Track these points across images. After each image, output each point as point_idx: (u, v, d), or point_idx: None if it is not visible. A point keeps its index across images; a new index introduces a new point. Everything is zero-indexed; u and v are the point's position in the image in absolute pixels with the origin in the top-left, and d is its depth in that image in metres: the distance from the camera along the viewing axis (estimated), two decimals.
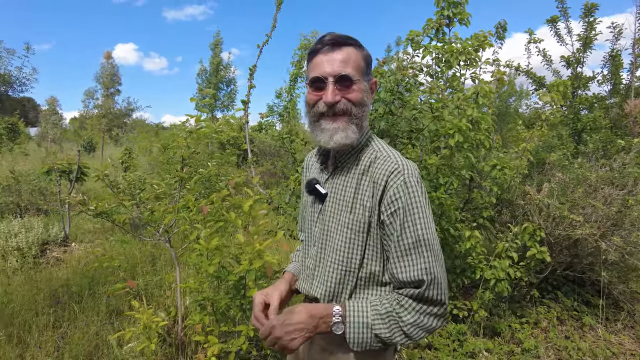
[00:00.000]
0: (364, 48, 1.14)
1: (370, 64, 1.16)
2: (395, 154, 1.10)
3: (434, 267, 1.01)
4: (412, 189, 1.02)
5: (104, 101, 24.81)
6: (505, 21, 6.59)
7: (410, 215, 1.01)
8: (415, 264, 1.01)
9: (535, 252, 3.06)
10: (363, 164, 1.11)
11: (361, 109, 1.10)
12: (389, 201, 1.03)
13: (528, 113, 12.24)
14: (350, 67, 1.07)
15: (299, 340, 1.00)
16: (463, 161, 3.16)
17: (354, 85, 1.07)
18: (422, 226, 1.01)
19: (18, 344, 3.10)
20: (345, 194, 1.12)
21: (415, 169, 1.07)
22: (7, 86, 5.84)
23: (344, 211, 1.11)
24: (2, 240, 5.06)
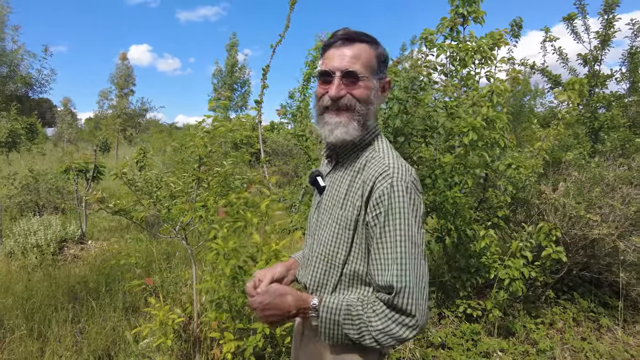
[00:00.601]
0: (378, 46, 1.13)
1: (384, 62, 1.15)
2: (390, 156, 1.08)
3: (407, 275, 0.97)
4: (397, 193, 1.00)
5: (118, 102, 25.18)
6: (520, 19, 6.51)
7: (392, 220, 0.99)
8: (389, 269, 0.99)
9: (550, 251, 3.02)
10: (360, 162, 1.11)
11: (366, 106, 1.10)
12: (374, 203, 1.02)
13: (543, 112, 12.07)
14: (360, 63, 1.08)
15: (275, 319, 1.10)
16: (478, 160, 3.14)
17: (360, 82, 1.08)
18: (401, 232, 0.99)
19: (38, 338, 3.18)
20: (340, 189, 1.13)
21: (410, 174, 1.04)
22: (28, 87, 6.02)
23: (335, 206, 1.12)
24: (22, 238, 5.18)
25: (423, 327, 0.99)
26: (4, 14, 5.83)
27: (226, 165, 2.65)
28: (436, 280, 3.60)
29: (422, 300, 0.98)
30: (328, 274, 1.13)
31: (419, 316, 0.97)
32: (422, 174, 3.27)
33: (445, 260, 3.61)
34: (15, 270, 4.67)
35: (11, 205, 7.81)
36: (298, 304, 1.07)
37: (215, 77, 18.74)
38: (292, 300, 1.07)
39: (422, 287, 0.99)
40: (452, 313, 3.36)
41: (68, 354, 2.99)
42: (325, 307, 1.04)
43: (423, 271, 1.00)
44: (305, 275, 1.22)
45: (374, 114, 1.15)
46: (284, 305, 1.08)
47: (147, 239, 5.78)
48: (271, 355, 2.63)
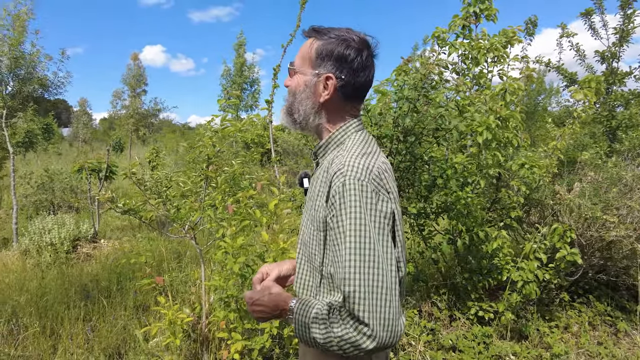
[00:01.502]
0: (330, 41, 1.08)
1: (328, 57, 1.08)
2: (351, 154, 1.03)
3: (356, 280, 0.91)
4: (349, 192, 0.95)
5: (131, 102, 25.51)
6: (535, 17, 6.40)
7: (342, 221, 0.95)
8: (339, 272, 0.95)
9: (565, 253, 2.95)
10: (330, 161, 1.09)
11: (292, 97, 1.15)
12: (329, 204, 0.99)
13: (558, 111, 11.86)
14: (298, 56, 1.14)
15: (261, 318, 1.13)
16: (491, 160, 3.08)
17: (293, 74, 1.15)
18: (352, 234, 0.93)
19: (51, 336, 3.22)
20: (314, 189, 1.11)
21: (368, 172, 0.98)
22: (44, 89, 6.16)
23: (311, 207, 1.10)
24: (37, 236, 5.27)
25: (387, 341, 0.91)
26: (25, 19, 5.95)
27: (235, 164, 2.65)
28: (447, 281, 3.55)
29: (382, 308, 0.90)
30: (311, 276, 1.12)
31: (374, 326, 0.89)
32: (434, 174, 3.23)
33: (457, 261, 3.56)
34: (30, 268, 4.76)
35: (27, 204, 7.97)
36: (281, 305, 1.07)
37: (223, 77, 18.73)
38: (277, 300, 1.09)
39: (380, 294, 0.91)
40: (463, 315, 3.31)
41: (80, 351, 3.03)
42: (298, 309, 1.02)
43: (383, 276, 0.92)
44: (295, 278, 1.21)
45: (315, 109, 1.12)
46: (270, 304, 1.09)
47: (159, 238, 5.83)
48: (279, 356, 2.62)
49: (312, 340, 0.98)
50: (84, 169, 5.90)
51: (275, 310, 1.09)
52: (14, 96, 6.19)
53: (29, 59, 6.17)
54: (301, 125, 1.16)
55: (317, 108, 1.12)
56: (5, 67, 5.91)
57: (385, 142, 3.06)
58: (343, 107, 1.13)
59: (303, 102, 1.12)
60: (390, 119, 3.09)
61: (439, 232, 3.53)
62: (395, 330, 0.92)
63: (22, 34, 5.97)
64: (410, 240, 3.77)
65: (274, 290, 1.12)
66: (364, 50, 1.10)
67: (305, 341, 1.00)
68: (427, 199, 3.37)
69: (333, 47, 1.08)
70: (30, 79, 6.24)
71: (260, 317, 1.12)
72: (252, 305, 1.11)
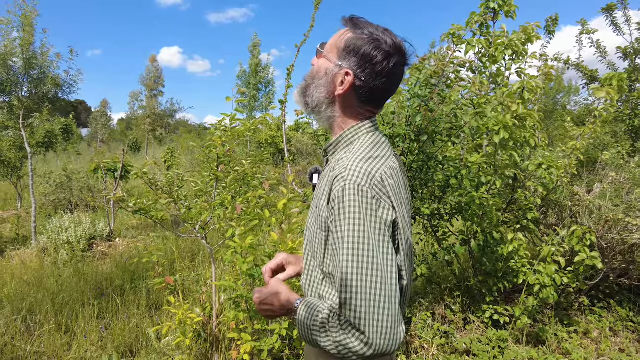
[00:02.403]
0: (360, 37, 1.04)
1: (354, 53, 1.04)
2: (355, 158, 1.00)
3: (352, 287, 0.89)
4: (347, 197, 0.92)
5: (148, 102, 25.91)
6: (557, 15, 6.23)
7: (340, 226, 0.93)
8: (336, 277, 0.94)
9: (584, 257, 2.85)
10: (337, 161, 1.06)
11: (311, 79, 1.12)
12: (330, 207, 0.97)
13: (577, 110, 11.58)
14: (330, 43, 1.11)
15: (269, 317, 1.17)
16: (507, 160, 3.00)
17: (319, 57, 1.12)
18: (348, 239, 0.91)
19: (66, 332, 3.27)
20: (320, 188, 1.09)
21: (370, 177, 0.95)
22: (58, 88, 6.27)
23: (317, 206, 1.08)
24: (55, 235, 5.37)
25: (384, 349, 0.89)
26: (32, 17, 6.05)
27: (245, 164, 2.63)
28: (462, 284, 3.48)
29: (379, 317, 0.89)
30: (316, 273, 1.11)
31: (369, 334, 0.88)
32: (448, 174, 3.16)
33: (471, 264, 3.49)
34: (47, 266, 4.85)
35: (46, 203, 8.16)
36: (286, 305, 1.09)
37: (239, 78, 18.93)
38: (283, 300, 1.10)
39: (377, 302, 0.89)
40: (477, 318, 3.23)
41: (93, 348, 3.06)
42: (301, 311, 1.03)
43: (381, 284, 0.90)
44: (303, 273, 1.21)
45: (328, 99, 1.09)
46: (276, 304, 1.12)
47: (173, 237, 5.89)
48: (289, 357, 2.60)
49: (314, 341, 0.99)
50: (100, 168, 5.99)
51: (282, 310, 1.11)
52: (30, 97, 6.32)
53: (41, 58, 6.28)
54: (313, 110, 1.14)
55: (330, 99, 1.10)
56: (20, 68, 6.03)
57: (397, 141, 3.01)
58: (357, 106, 1.09)
59: (318, 89, 1.10)
60: (403, 118, 3.05)
61: (453, 233, 3.46)
62: (394, 338, 0.90)
63: (31, 33, 6.08)
64: (423, 242, 3.71)
65: (281, 290, 1.13)
66: (394, 56, 1.03)
67: (308, 342, 1.02)
68: (441, 200, 3.31)
69: (361, 44, 1.04)
70: (44, 79, 6.36)
71: (268, 315, 1.16)
72: (260, 304, 1.14)
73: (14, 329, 3.27)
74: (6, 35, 5.89)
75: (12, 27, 5.89)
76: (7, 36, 5.89)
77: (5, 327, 3.27)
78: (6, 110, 6.24)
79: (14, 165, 8.31)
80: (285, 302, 1.10)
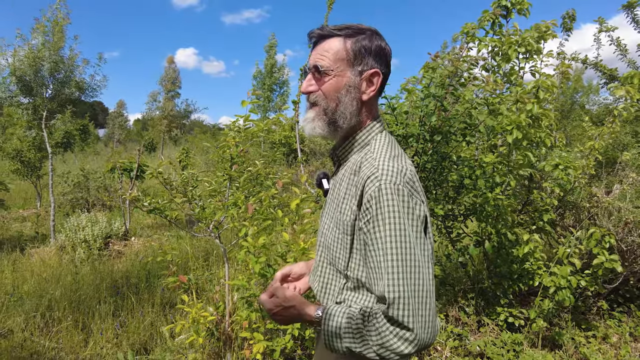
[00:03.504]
0: (360, 37, 1.05)
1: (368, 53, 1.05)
2: (382, 157, 1.00)
3: (400, 285, 0.90)
4: (386, 197, 0.92)
5: (165, 103, 26.27)
6: (574, 11, 6.10)
7: (381, 226, 0.92)
8: (381, 278, 0.92)
9: (603, 260, 2.79)
10: (357, 163, 1.06)
11: (332, 101, 1.05)
12: (364, 209, 0.96)
13: (596, 109, 11.34)
14: (328, 57, 1.04)
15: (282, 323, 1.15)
16: (522, 160, 2.96)
17: (325, 77, 1.05)
18: (393, 239, 0.91)
19: (83, 329, 3.33)
20: (339, 192, 1.08)
21: (403, 175, 0.96)
22: (81, 92, 6.44)
23: (336, 210, 1.08)
24: (72, 233, 5.48)
25: (427, 342, 0.91)
26: (63, 24, 6.26)
27: (258, 164, 2.65)
28: (476, 286, 3.44)
29: (423, 312, 0.91)
30: (334, 279, 1.10)
31: (417, 329, 0.89)
32: (462, 174, 3.13)
33: (486, 265, 3.44)
34: (65, 264, 4.95)
35: (64, 202, 8.32)
36: (303, 317, 1.08)
37: (255, 78, 19.07)
38: (296, 313, 1.09)
39: (422, 297, 0.91)
40: (492, 321, 3.19)
41: (109, 345, 3.12)
42: (326, 319, 1.00)
43: (423, 280, 0.92)
44: (314, 280, 1.19)
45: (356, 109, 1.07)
46: (288, 316, 1.10)
47: (187, 236, 5.95)
48: (301, 357, 2.60)
49: (345, 349, 0.97)
50: (117, 168, 6.09)
51: (298, 320, 1.11)
52: (53, 99, 6.49)
53: (68, 63, 6.45)
54: (345, 131, 1.10)
55: (358, 108, 1.08)
56: (46, 70, 6.20)
57: (411, 141, 2.99)
58: (375, 103, 1.12)
59: (349, 105, 1.06)
60: (417, 117, 3.02)
61: (467, 234, 3.42)
62: (434, 331, 0.93)
63: (62, 39, 6.26)
64: (437, 243, 3.68)
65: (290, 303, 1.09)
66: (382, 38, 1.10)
67: (336, 350, 0.99)
68: (455, 201, 3.28)
69: (368, 42, 1.06)
70: (69, 82, 6.53)
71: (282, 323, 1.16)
72: (273, 315, 1.13)
73: (33, 324, 3.34)
74: (39, 38, 6.07)
75: (43, 32, 6.08)
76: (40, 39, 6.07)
77: (25, 323, 3.35)
78: (31, 111, 6.42)
79: (33, 165, 8.52)
80: (303, 315, 1.07)
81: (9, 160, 8.57)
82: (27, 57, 5.95)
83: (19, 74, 6.01)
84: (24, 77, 6.08)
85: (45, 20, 6.12)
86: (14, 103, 6.44)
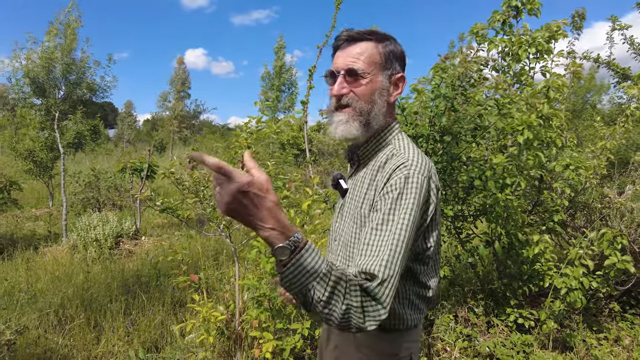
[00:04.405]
0: (388, 42, 1.11)
1: (395, 58, 1.12)
2: (411, 152, 1.06)
3: (396, 266, 0.89)
4: (411, 185, 0.97)
5: (175, 104, 26.51)
6: (583, 9, 6.06)
7: (398, 210, 0.95)
8: (379, 255, 0.89)
9: (615, 261, 2.76)
10: (381, 160, 1.10)
11: (369, 103, 1.09)
12: (384, 191, 0.99)
13: (608, 109, 11.20)
14: (362, 61, 1.07)
15: (234, 215, 0.78)
16: (532, 160, 2.94)
17: (362, 80, 1.07)
18: (404, 224, 0.93)
19: (95, 327, 3.38)
20: (361, 189, 1.11)
21: (428, 169, 1.02)
22: (92, 93, 6.55)
23: (356, 207, 1.11)
24: (84, 232, 5.55)
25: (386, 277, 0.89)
26: (75, 27, 6.38)
27: (269, 165, 2.67)
28: (485, 286, 3.42)
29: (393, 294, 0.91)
30: None
31: (388, 309, 0.87)
32: (472, 175, 3.12)
33: (495, 266, 3.43)
34: (77, 262, 5.02)
35: (76, 202, 8.43)
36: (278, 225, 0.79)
37: (263, 79, 19.16)
38: (262, 214, 0.78)
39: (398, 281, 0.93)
40: (501, 322, 3.17)
41: (120, 343, 3.15)
42: (309, 249, 0.81)
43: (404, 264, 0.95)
44: None
45: (385, 110, 1.12)
46: (247, 213, 0.78)
47: (197, 236, 6.00)
48: (311, 356, 2.61)
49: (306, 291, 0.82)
50: (127, 168, 6.16)
51: (253, 224, 0.79)
52: (65, 100, 6.59)
53: (79, 64, 6.55)
54: (376, 131, 1.13)
55: (386, 109, 1.13)
56: (59, 72, 6.30)
57: (421, 142, 2.98)
58: (395, 105, 1.18)
59: (382, 107, 1.11)
60: (426, 118, 3.02)
61: (477, 235, 3.41)
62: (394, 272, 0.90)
63: (73, 41, 6.36)
64: (446, 244, 3.67)
65: (273, 200, 0.80)
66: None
67: (294, 287, 0.82)
68: (464, 201, 3.26)
69: (394, 47, 1.12)
70: (80, 83, 6.63)
71: (234, 214, 0.78)
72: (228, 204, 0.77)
73: (47, 322, 3.40)
74: (52, 40, 6.18)
75: (56, 35, 6.18)
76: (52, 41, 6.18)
77: (39, 321, 3.40)
78: (43, 112, 6.53)
79: (45, 165, 8.64)
80: (278, 221, 0.80)
81: (22, 160, 8.71)
82: (41, 58, 6.06)
83: (32, 75, 6.12)
84: (37, 78, 6.19)
85: (58, 23, 6.22)
86: (27, 104, 6.55)
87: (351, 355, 1.15)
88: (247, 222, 0.79)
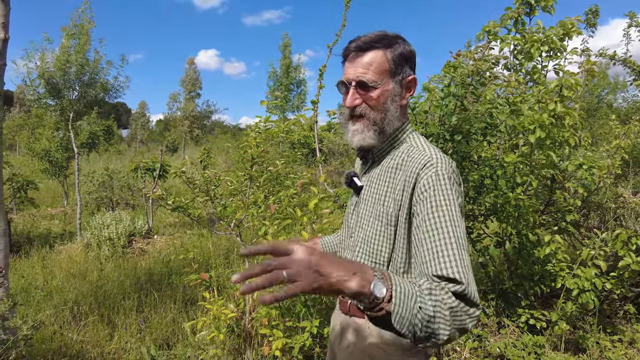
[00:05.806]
0: (397, 45, 1.11)
1: (405, 61, 1.13)
2: (431, 148, 1.09)
3: (468, 266, 0.91)
4: (443, 181, 0.99)
5: (186, 104, 26.77)
6: (597, 6, 5.96)
7: (441, 209, 0.96)
8: (451, 259, 0.90)
9: (630, 262, 2.72)
10: (398, 159, 1.12)
11: (381, 112, 1.12)
12: (419, 193, 1.01)
13: (625, 107, 10.99)
14: (372, 71, 1.09)
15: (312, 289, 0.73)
16: (544, 160, 2.91)
17: (372, 91, 1.10)
18: (453, 221, 0.95)
19: (108, 324, 3.44)
20: (379, 186, 1.14)
21: (451, 164, 1.04)
22: (105, 93, 6.69)
23: (376, 203, 1.13)
24: (97, 231, 5.64)
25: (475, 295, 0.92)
26: (88, 28, 6.50)
27: (278, 164, 2.69)
28: (496, 287, 3.40)
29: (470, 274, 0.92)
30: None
31: (480, 306, 0.90)
32: (483, 174, 3.10)
33: (506, 266, 3.39)
34: (91, 260, 5.11)
35: (90, 201, 8.57)
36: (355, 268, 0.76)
37: (270, 79, 19.11)
38: (347, 265, 0.77)
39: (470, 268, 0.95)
40: (512, 323, 3.15)
41: (133, 340, 3.20)
42: (399, 286, 0.78)
43: (467, 255, 0.97)
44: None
45: (399, 113, 1.15)
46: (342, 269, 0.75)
47: (208, 235, 6.05)
48: (320, 355, 2.62)
49: (418, 310, 0.79)
50: (140, 168, 6.24)
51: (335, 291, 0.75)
52: (79, 100, 6.71)
53: (93, 65, 6.67)
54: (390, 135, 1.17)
55: (400, 112, 1.16)
56: (73, 73, 6.42)
57: (431, 141, 2.97)
58: (407, 105, 1.19)
59: (394, 112, 1.14)
60: (437, 117, 3.01)
61: (487, 235, 3.38)
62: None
63: (87, 42, 6.47)
64: None
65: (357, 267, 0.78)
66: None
67: (405, 312, 0.77)
68: (475, 201, 3.24)
69: (403, 49, 1.13)
70: (94, 84, 6.74)
71: (316, 289, 0.73)
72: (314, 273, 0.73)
73: (62, 318, 3.47)
74: (66, 43, 6.31)
75: (70, 36, 6.30)
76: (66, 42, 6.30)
77: (54, 317, 3.47)
78: (58, 112, 6.65)
79: (60, 164, 8.80)
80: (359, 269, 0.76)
81: (39, 160, 8.88)
82: (57, 59, 6.17)
83: (47, 76, 6.24)
84: (52, 79, 6.31)
85: (72, 25, 6.34)
86: (42, 105, 6.68)
87: (369, 350, 1.15)
88: (330, 286, 0.73)
